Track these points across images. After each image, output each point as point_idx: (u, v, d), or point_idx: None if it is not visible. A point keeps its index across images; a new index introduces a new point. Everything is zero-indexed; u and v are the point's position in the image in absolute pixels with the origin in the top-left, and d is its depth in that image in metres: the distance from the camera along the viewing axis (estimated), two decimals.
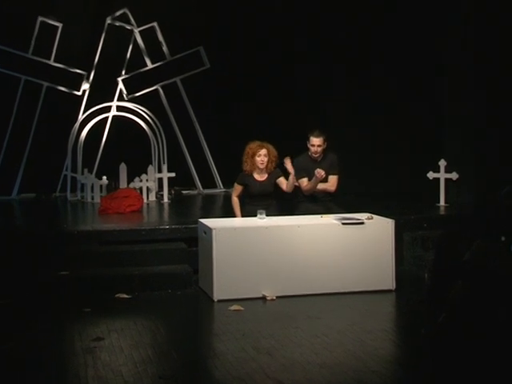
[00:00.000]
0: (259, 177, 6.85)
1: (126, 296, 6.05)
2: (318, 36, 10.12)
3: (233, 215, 6.78)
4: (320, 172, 6.71)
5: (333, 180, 6.99)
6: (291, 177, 6.69)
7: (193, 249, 6.62)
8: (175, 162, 9.97)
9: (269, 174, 6.83)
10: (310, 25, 10.26)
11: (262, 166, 6.78)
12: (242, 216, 6.73)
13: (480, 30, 8.42)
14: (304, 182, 6.94)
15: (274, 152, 6.82)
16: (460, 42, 8.66)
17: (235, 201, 6.83)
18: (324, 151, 6.97)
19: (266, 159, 6.76)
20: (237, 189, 6.85)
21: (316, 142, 6.89)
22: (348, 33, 9.78)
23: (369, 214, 6.40)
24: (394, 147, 9.70)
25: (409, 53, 9.37)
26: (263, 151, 6.77)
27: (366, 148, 9.80)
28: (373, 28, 9.62)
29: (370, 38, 9.66)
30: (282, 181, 6.84)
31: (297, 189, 7.04)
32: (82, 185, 9.56)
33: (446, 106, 9.06)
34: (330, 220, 6.32)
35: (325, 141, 6.92)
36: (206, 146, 10.48)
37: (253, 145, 6.81)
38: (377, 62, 9.64)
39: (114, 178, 9.49)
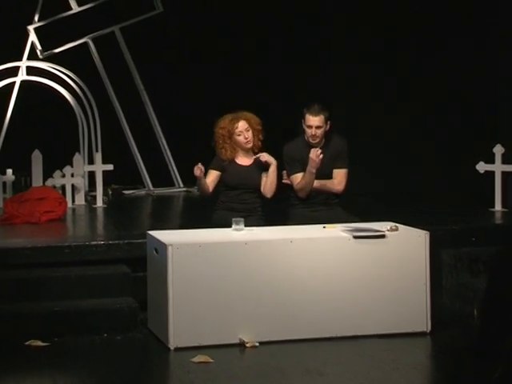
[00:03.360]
0: (242, 159, 6.91)
1: (41, 343, 6.01)
2: None
3: (201, 225, 6.75)
4: (315, 152, 6.70)
5: (340, 176, 7.02)
6: (272, 169, 6.71)
7: (139, 274, 6.63)
8: (113, 148, 9.94)
9: (255, 159, 6.88)
10: None
11: (249, 145, 6.85)
12: (213, 220, 6.80)
13: None
14: (298, 178, 6.95)
15: (255, 119, 6.88)
16: None
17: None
18: (326, 135, 6.98)
19: (250, 134, 6.82)
20: (208, 175, 6.88)
21: (314, 122, 6.88)
22: None
23: (392, 224, 6.42)
24: (428, 128, 9.75)
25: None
26: (241, 124, 6.82)
27: (386, 130, 9.84)
28: None
29: None
30: (264, 175, 6.90)
31: (289, 188, 7.07)
32: None
33: (501, 70, 9.12)
34: (336, 232, 6.32)
35: (327, 120, 6.92)
36: (157, 125, 10.46)
37: (224, 122, 6.86)
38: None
39: (23, 171, 9.44)
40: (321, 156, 6.74)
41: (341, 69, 10.13)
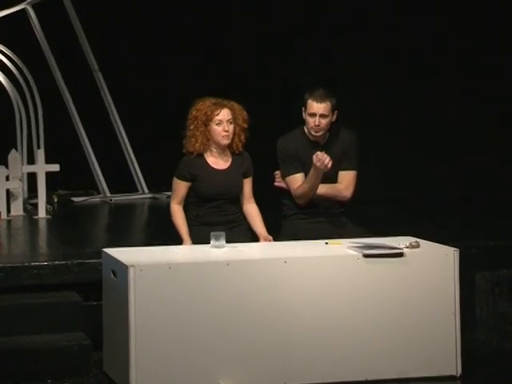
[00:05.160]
0: (217, 162, 6.84)
1: None
2: None
3: (171, 241, 6.75)
4: (320, 156, 6.68)
5: (347, 179, 7.05)
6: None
7: (92, 303, 6.66)
8: (60, 145, 9.96)
9: (234, 159, 6.86)
10: None
11: (226, 141, 6.77)
12: (191, 238, 6.77)
13: None
14: (296, 179, 6.96)
15: (243, 114, 6.81)
16: None
17: (176, 211, 6.79)
18: (332, 128, 7.01)
19: (231, 127, 6.75)
20: (178, 189, 6.81)
21: (318, 110, 6.90)
22: None
23: (412, 239, 6.42)
24: (457, 123, 9.79)
25: None
26: (224, 113, 6.74)
27: (404, 125, 9.89)
28: None
29: None
30: (246, 182, 6.89)
31: (282, 194, 7.10)
32: None
33: None
34: (342, 250, 6.33)
35: (334, 109, 6.95)
36: (116, 115, 10.44)
37: (202, 105, 6.76)
38: None
39: None
40: (328, 162, 6.67)
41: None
